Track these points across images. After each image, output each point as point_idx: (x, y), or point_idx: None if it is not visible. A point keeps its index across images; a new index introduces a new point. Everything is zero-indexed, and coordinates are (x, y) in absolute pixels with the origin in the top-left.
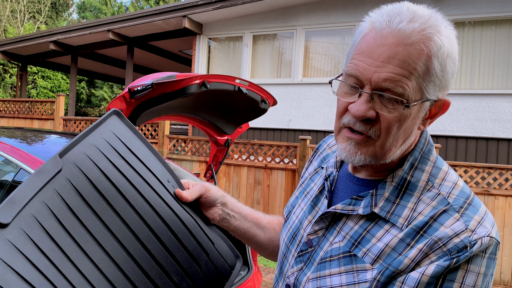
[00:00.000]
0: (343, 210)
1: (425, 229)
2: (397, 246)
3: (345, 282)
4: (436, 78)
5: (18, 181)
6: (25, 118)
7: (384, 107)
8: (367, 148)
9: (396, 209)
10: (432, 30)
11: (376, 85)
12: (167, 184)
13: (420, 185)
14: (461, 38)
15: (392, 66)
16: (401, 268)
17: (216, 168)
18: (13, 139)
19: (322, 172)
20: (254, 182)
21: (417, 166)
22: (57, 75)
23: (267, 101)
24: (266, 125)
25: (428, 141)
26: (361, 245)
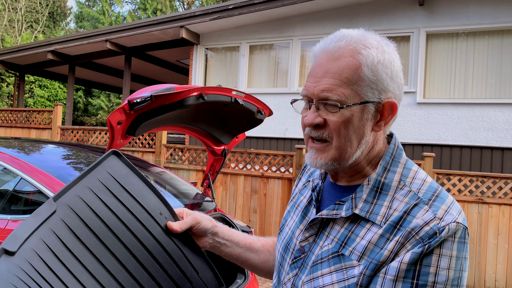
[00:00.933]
0: (328, 215)
1: (400, 223)
2: (378, 241)
3: (336, 280)
4: (371, 83)
5: (18, 190)
6: (22, 128)
7: (328, 112)
8: (326, 153)
9: (374, 209)
10: (358, 44)
11: (317, 96)
12: (158, 217)
13: (393, 185)
14: (454, 49)
15: (327, 79)
16: (382, 260)
17: (213, 177)
18: (11, 149)
19: (309, 184)
20: (250, 191)
21: (389, 168)
22: (54, 84)
23: (263, 112)
24: (263, 134)
25: (398, 147)
26: (347, 245)
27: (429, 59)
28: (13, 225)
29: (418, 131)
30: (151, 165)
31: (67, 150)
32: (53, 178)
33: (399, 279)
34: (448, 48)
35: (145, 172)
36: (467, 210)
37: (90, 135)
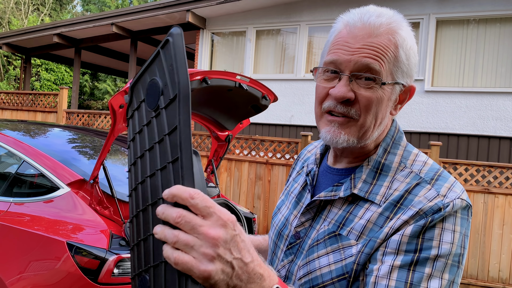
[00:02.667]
0: (326, 197)
1: (401, 202)
2: (378, 220)
3: (333, 260)
4: (404, 65)
5: (21, 173)
6: (28, 111)
7: (360, 87)
8: (349, 128)
9: (374, 189)
10: (396, 24)
11: (354, 65)
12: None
13: (393, 166)
14: (465, 36)
15: (367, 51)
16: (382, 237)
17: (216, 163)
18: (16, 132)
19: (304, 169)
20: (255, 178)
21: (390, 150)
22: (61, 68)
23: (267, 98)
24: (268, 121)
25: (398, 129)
26: (345, 225)
27: (438, 47)
28: (16, 208)
29: (425, 119)
30: None
31: (72, 134)
32: (56, 162)
33: (400, 252)
34: (458, 35)
35: None
36: (473, 200)
37: (95, 119)
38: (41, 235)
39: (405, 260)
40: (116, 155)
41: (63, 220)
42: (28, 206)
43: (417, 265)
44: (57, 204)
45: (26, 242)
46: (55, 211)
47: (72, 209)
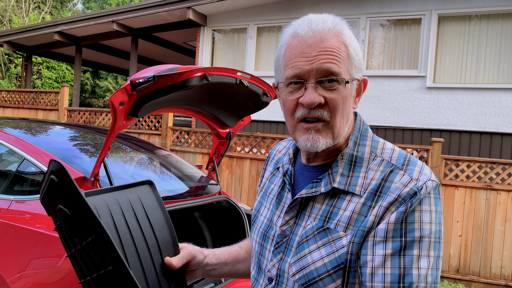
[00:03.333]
0: (307, 194)
1: (380, 190)
2: (361, 210)
3: (325, 254)
4: (355, 61)
5: (22, 171)
6: (29, 109)
7: (328, 90)
8: (325, 132)
9: (352, 180)
10: (340, 26)
11: (317, 72)
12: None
13: (365, 157)
14: (467, 32)
15: (324, 55)
16: (368, 225)
17: (217, 160)
18: (18, 130)
19: (280, 170)
20: (256, 175)
21: (359, 143)
22: (62, 66)
23: (268, 94)
24: (269, 118)
25: (363, 122)
26: (331, 219)
27: (440, 43)
28: (17, 206)
29: (427, 116)
30: (156, 147)
31: (73, 132)
32: (57, 160)
33: (388, 239)
34: (460, 31)
35: (150, 154)
36: (475, 196)
37: (96, 117)
38: (42, 233)
39: (394, 247)
40: (117, 152)
41: None
42: (29, 204)
43: (406, 249)
44: None
45: (27, 240)
46: None
47: None
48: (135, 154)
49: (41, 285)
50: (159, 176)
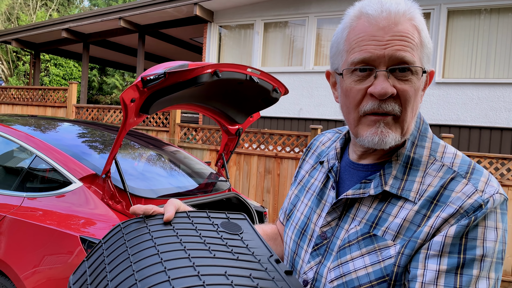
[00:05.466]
0: (354, 195)
1: (437, 198)
2: (415, 218)
3: (369, 263)
4: (428, 50)
5: (33, 168)
6: (38, 106)
7: (400, 81)
8: (395, 126)
9: (406, 185)
10: (413, 9)
11: (390, 59)
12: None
13: (423, 160)
14: (477, 26)
15: (398, 41)
16: (422, 237)
17: (227, 157)
18: (28, 127)
19: (324, 165)
20: (264, 171)
21: (418, 143)
22: (69, 63)
23: (278, 90)
24: (277, 114)
25: (423, 121)
26: (379, 225)
27: (449, 37)
28: (29, 203)
29: (436, 111)
30: (165, 144)
31: (82, 128)
32: (68, 156)
33: (444, 254)
34: (470, 26)
35: (159, 151)
36: None
37: (104, 114)
38: (54, 229)
39: (451, 264)
40: (126, 149)
41: (75, 214)
42: (41, 200)
43: (464, 267)
44: (69, 199)
45: (40, 237)
46: (67, 205)
47: (84, 204)
48: (144, 151)
49: (54, 280)
50: (168, 172)
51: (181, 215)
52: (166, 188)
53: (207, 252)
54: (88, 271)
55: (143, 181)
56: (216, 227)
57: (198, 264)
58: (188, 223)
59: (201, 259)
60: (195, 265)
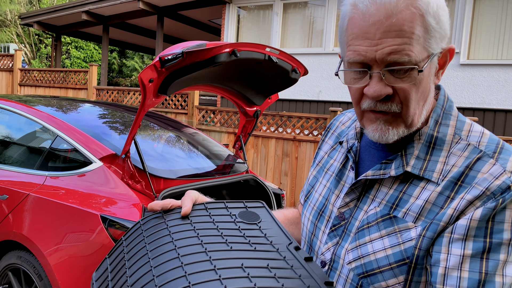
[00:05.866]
0: (374, 176)
1: (462, 179)
2: (437, 200)
3: (389, 245)
4: (436, 32)
5: (55, 148)
6: (60, 88)
7: (398, 79)
8: (396, 122)
9: (429, 165)
10: None
11: (382, 62)
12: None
13: (447, 139)
14: (505, 5)
15: (391, 39)
16: (445, 219)
17: (245, 139)
18: (50, 108)
19: (343, 145)
20: (282, 154)
21: (441, 122)
22: (90, 46)
23: (297, 71)
24: (296, 97)
25: (448, 98)
26: (399, 207)
27: (476, 17)
28: (52, 181)
29: (459, 94)
30: (184, 126)
31: (102, 109)
32: (88, 136)
33: (469, 238)
34: (498, 5)
35: (178, 132)
36: None
37: (124, 96)
38: (76, 208)
39: (476, 248)
40: (145, 130)
41: (96, 193)
42: (63, 179)
43: (490, 252)
44: (90, 178)
45: (62, 215)
46: (88, 184)
47: (105, 183)
48: (163, 132)
49: (76, 258)
50: (187, 154)
51: (199, 207)
52: (184, 169)
53: (224, 245)
54: (109, 268)
55: (162, 161)
56: (233, 217)
57: (214, 258)
58: (205, 215)
59: (217, 252)
60: (211, 259)
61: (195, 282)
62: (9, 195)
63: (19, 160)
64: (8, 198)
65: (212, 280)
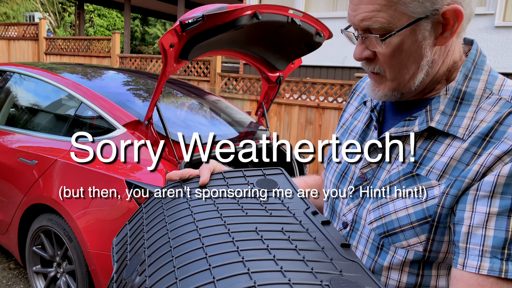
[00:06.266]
0: (397, 133)
1: (491, 135)
2: (463, 157)
3: (411, 203)
4: None
5: (79, 115)
6: (84, 56)
7: (374, 44)
8: (383, 84)
9: (455, 121)
10: None
11: (359, 27)
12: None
13: (477, 93)
14: None
15: (364, 6)
16: (471, 176)
17: (267, 106)
18: (75, 75)
19: (367, 104)
20: (305, 122)
21: (471, 76)
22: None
23: (322, 34)
24: (320, 63)
25: (480, 53)
26: (423, 164)
27: None
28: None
29: (493, 58)
30: (206, 93)
31: (126, 77)
32: (112, 103)
33: (496, 195)
34: None
35: (201, 99)
36: None
37: (147, 63)
38: (102, 173)
39: (503, 205)
40: (168, 97)
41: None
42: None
43: None
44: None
45: (89, 180)
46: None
47: (129, 149)
48: (186, 99)
49: (103, 221)
50: (209, 121)
51: (217, 176)
52: (206, 136)
53: (239, 211)
54: (128, 233)
55: (185, 128)
56: (251, 186)
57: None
58: (223, 185)
59: (232, 218)
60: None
61: (208, 243)
62: (38, 160)
63: (46, 126)
64: (38, 163)
65: (225, 242)
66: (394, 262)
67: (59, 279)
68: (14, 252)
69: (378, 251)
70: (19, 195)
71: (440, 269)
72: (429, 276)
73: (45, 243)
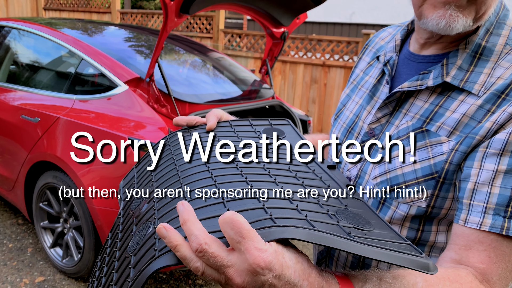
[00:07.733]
0: (410, 88)
1: (507, 92)
2: (476, 114)
3: (418, 159)
4: None
5: (80, 72)
6: (84, 12)
7: None
8: (469, 9)
9: (471, 76)
10: None
11: None
12: None
13: (497, 49)
14: None
15: None
16: (482, 133)
17: (271, 63)
18: (75, 31)
19: (380, 59)
20: (310, 81)
21: (493, 31)
22: None
23: None
24: (326, 19)
25: (504, 6)
26: (433, 120)
27: None
28: (80, 105)
29: None
30: (209, 50)
31: (127, 33)
32: (113, 60)
33: (506, 153)
34: None
35: (203, 57)
36: None
37: (148, 19)
38: (106, 131)
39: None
40: (170, 54)
41: (124, 117)
42: (92, 103)
43: None
44: (116, 101)
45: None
46: (117, 108)
47: (131, 107)
48: (188, 56)
49: (106, 179)
50: (213, 78)
51: (224, 124)
52: (210, 94)
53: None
54: (136, 175)
55: (187, 86)
56: (258, 133)
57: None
58: (230, 131)
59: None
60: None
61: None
62: (41, 118)
63: (47, 83)
64: (40, 120)
65: (234, 174)
66: (396, 217)
67: (66, 234)
68: (22, 208)
69: (380, 205)
70: (23, 152)
71: (440, 225)
72: (429, 231)
73: (51, 200)
